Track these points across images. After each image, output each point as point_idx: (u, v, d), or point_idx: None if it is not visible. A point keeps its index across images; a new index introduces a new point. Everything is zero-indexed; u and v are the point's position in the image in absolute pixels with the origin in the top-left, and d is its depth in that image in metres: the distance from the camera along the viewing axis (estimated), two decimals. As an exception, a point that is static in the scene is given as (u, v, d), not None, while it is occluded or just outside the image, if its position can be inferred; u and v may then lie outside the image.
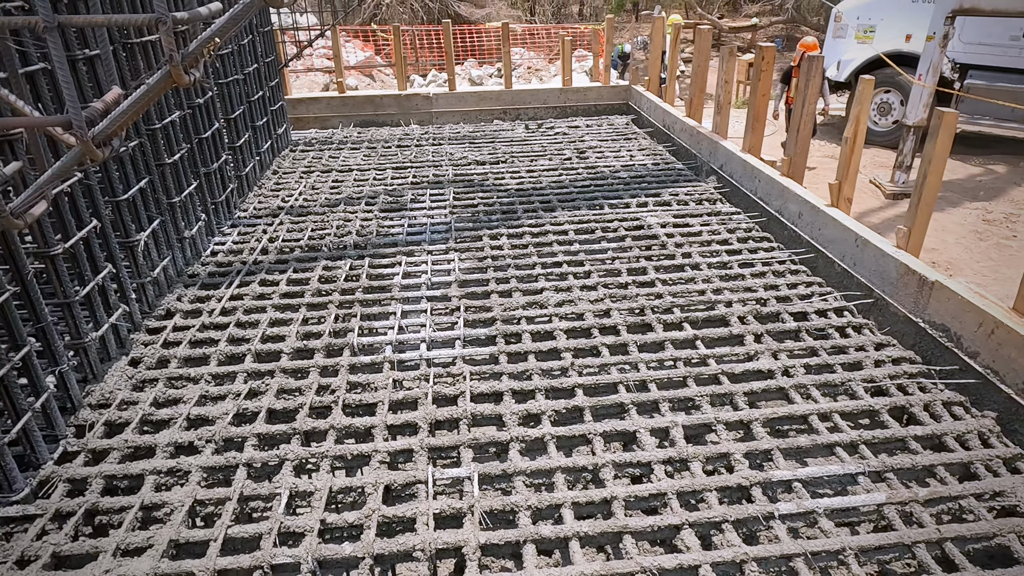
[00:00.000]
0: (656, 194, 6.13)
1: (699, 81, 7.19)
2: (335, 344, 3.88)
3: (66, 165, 1.09)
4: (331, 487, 2.83)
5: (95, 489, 2.89)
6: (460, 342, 3.91)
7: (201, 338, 3.97)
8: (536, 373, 3.60)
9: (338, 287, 4.53)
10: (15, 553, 2.53)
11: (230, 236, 5.41)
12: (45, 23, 0.93)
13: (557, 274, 4.69)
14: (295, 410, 3.34)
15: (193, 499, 2.79)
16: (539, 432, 3.14)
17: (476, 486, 2.82)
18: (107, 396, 3.43)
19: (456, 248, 5.12)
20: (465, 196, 6.23)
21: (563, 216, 5.66)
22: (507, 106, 9.32)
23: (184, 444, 3.13)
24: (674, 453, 2.99)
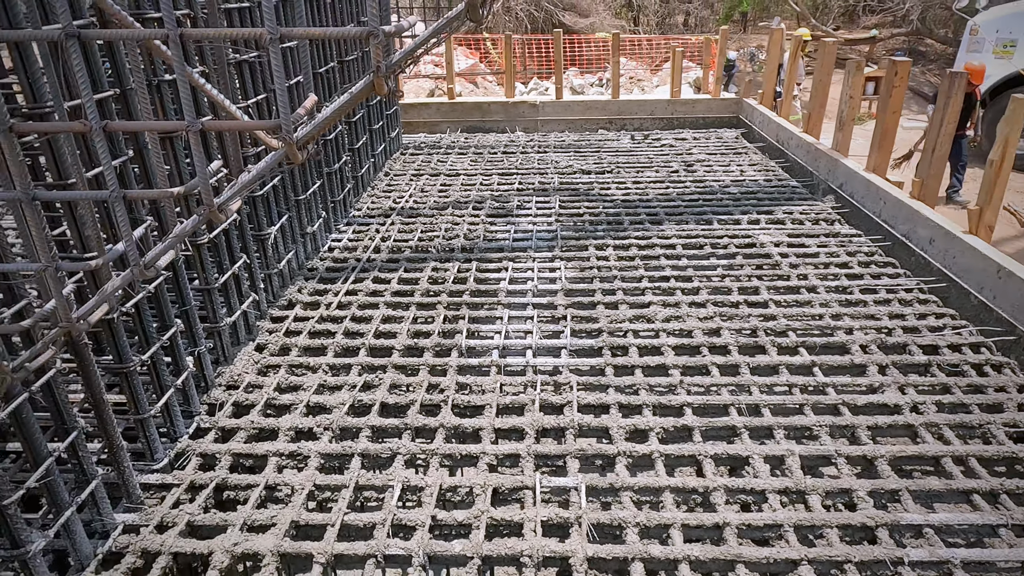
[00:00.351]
0: (768, 211, 5.92)
1: (820, 96, 6.89)
2: (444, 344, 3.97)
3: (269, 165, 1.18)
4: (441, 484, 2.90)
5: (224, 465, 3.09)
6: (566, 351, 3.91)
7: (319, 329, 4.17)
8: (643, 388, 3.55)
9: (446, 288, 4.64)
10: (156, 518, 2.74)
11: (345, 233, 5.66)
12: (270, 35, 1.00)
13: (665, 288, 4.60)
14: (406, 406, 3.45)
15: (312, 484, 2.92)
16: (647, 448, 3.09)
17: (583, 497, 2.81)
18: (236, 378, 3.66)
19: (562, 256, 5.13)
20: (571, 204, 6.24)
21: (671, 229, 5.56)
22: (613, 116, 9.26)
23: (304, 430, 3.29)
24: (790, 483, 2.87)
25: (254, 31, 1.02)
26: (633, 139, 8.59)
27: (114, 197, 1.15)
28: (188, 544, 2.62)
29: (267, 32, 1.01)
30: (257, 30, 1.02)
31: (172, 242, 1.30)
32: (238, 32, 1.00)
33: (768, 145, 7.97)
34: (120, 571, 2.53)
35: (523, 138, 8.81)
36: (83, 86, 1.07)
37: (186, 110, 1.08)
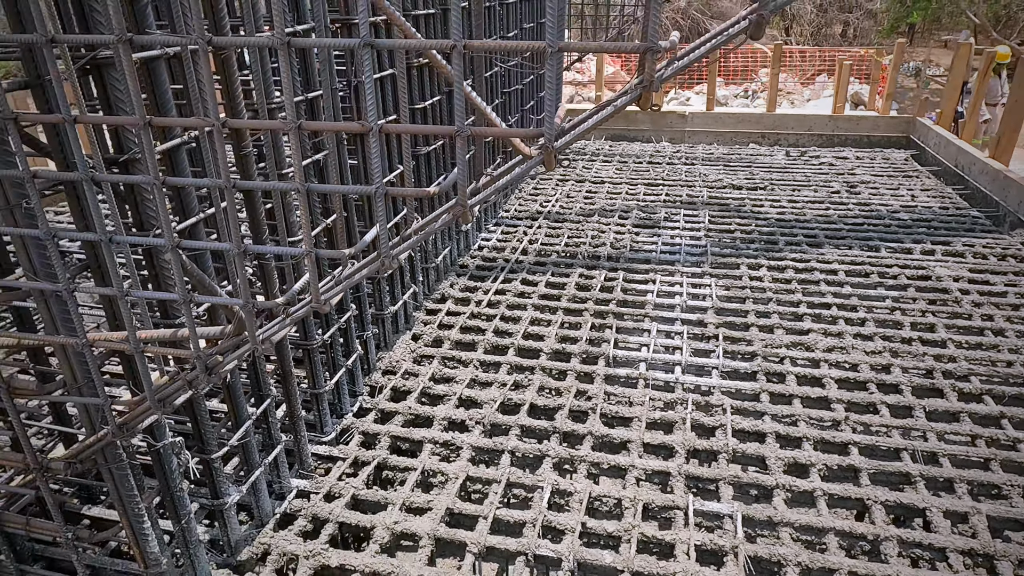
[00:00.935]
0: (945, 242, 5.43)
1: (1015, 118, 6.22)
2: (591, 352, 3.97)
3: (525, 172, 1.23)
4: (590, 492, 2.90)
5: (383, 445, 3.26)
6: (718, 372, 3.79)
7: (470, 325, 4.31)
8: (803, 420, 3.37)
9: (593, 296, 4.64)
10: (324, 488, 2.94)
11: (494, 234, 5.81)
12: (551, 48, 1.04)
13: (826, 316, 4.34)
14: (555, 409, 3.48)
15: (466, 475, 3.02)
16: (808, 484, 2.93)
17: (739, 527, 2.71)
18: (394, 364, 3.86)
19: (712, 273, 4.98)
20: (720, 220, 6.04)
21: (832, 253, 5.24)
22: (767, 130, 8.87)
23: (457, 421, 3.41)
24: (976, 545, 2.61)
25: (534, 44, 1.06)
26: (788, 155, 8.19)
27: (379, 192, 1.25)
28: (353, 516, 2.79)
29: (548, 45, 1.05)
30: (538, 44, 1.06)
31: (418, 237, 1.39)
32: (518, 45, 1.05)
33: (944, 169, 7.31)
34: (293, 531, 2.74)
35: (669, 149, 8.65)
36: (369, 92, 1.17)
37: (458, 118, 1.14)
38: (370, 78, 1.17)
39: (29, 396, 1.79)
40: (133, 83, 1.29)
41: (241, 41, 1.51)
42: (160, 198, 1.40)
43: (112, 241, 1.48)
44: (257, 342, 1.52)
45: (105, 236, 1.47)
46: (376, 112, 1.20)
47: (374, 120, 1.19)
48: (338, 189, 1.26)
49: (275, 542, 2.67)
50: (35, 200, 1.48)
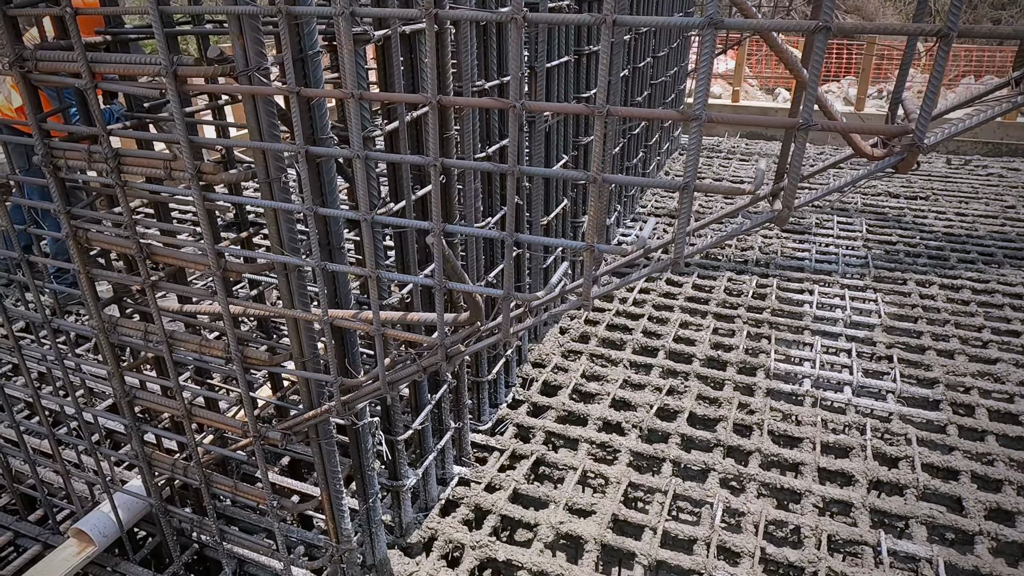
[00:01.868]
0: None
1: None
2: (749, 363, 3.75)
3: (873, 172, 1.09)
4: (765, 515, 2.71)
5: (538, 440, 3.20)
6: (894, 396, 3.48)
7: (616, 323, 4.18)
8: (1001, 460, 3.03)
9: (745, 303, 4.39)
10: (486, 478, 2.91)
11: (632, 229, 5.64)
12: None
13: (1017, 345, 3.91)
14: (716, 420, 3.30)
15: (628, 480, 2.91)
16: (1018, 535, 2.62)
17: (942, 573, 2.45)
18: (543, 358, 3.79)
19: (876, 287, 4.60)
20: (880, 230, 5.59)
21: (1015, 275, 4.73)
22: (923, 135, 8.17)
23: (613, 423, 3.30)
24: None
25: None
26: (949, 163, 7.51)
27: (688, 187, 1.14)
28: (515, 510, 2.74)
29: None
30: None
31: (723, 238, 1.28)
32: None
33: None
34: (456, 519, 2.72)
35: (812, 149, 8.13)
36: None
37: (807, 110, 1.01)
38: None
39: (260, 366, 1.82)
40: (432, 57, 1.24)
41: (470, 14, 1.44)
42: (435, 178, 1.35)
43: (374, 221, 1.46)
44: (509, 334, 1.46)
45: (368, 215, 1.44)
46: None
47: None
48: (639, 182, 1.16)
49: (441, 528, 2.66)
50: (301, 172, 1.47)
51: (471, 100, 2.00)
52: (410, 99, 1.44)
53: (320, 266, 1.55)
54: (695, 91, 1.08)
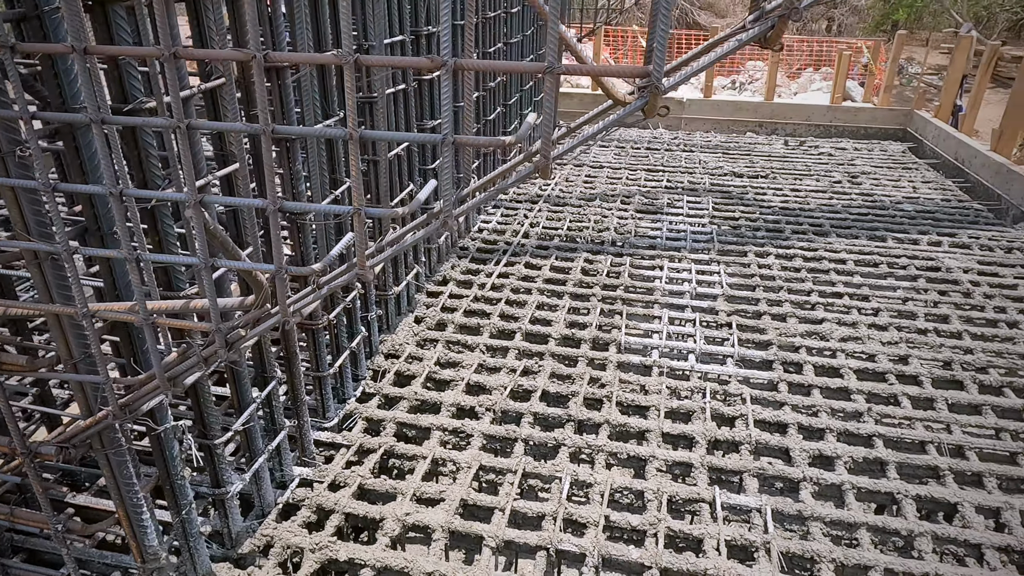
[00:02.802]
0: (951, 234, 5.37)
1: (1018, 111, 6.18)
2: (601, 338, 3.83)
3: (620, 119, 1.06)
4: (611, 484, 2.76)
5: (389, 432, 3.09)
6: (733, 360, 3.67)
7: (474, 308, 4.13)
8: (824, 411, 3.26)
9: (600, 281, 4.49)
10: (329, 476, 2.77)
11: (494, 216, 5.63)
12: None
13: (840, 306, 4.25)
14: (567, 397, 3.33)
15: (479, 463, 2.86)
16: (836, 478, 2.82)
17: (770, 521, 2.59)
18: (397, 348, 3.68)
19: (720, 260, 4.85)
20: (725, 207, 5.92)
21: (839, 243, 5.15)
22: (764, 119, 8.78)
23: (466, 408, 3.25)
24: (1013, 542, 2.52)
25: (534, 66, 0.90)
26: (787, 144, 8.10)
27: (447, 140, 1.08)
28: (361, 507, 2.62)
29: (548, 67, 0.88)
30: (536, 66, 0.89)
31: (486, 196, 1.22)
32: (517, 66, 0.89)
33: (943, 162, 7.28)
34: (296, 523, 2.56)
35: (667, 135, 8.51)
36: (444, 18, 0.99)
37: (550, 54, 0.97)
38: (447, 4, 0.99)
39: (17, 372, 1.59)
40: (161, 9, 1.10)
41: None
42: (185, 145, 1.21)
43: (123, 195, 1.29)
44: (288, 313, 1.34)
45: (116, 189, 1.28)
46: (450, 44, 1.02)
47: (448, 55, 1.01)
48: (397, 136, 1.09)
49: (278, 534, 2.50)
50: (33, 145, 1.28)
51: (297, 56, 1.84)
52: (220, 56, 1.28)
53: (65, 249, 1.36)
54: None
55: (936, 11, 27.65)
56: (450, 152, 1.10)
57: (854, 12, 31.11)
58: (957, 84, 7.74)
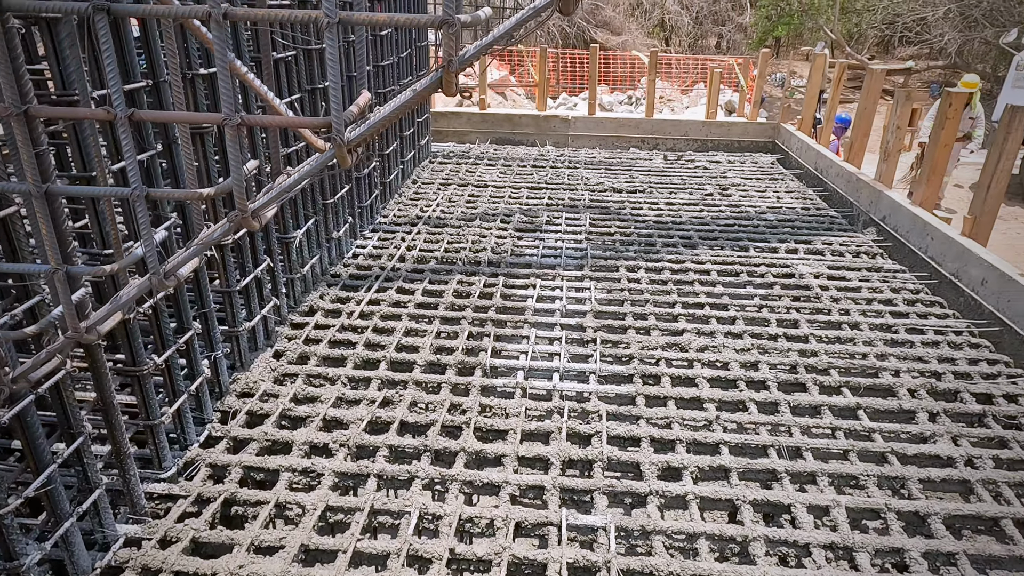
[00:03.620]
0: (807, 241, 5.71)
1: (863, 124, 6.68)
2: (467, 363, 3.81)
3: (314, 169, 1.03)
4: (460, 514, 2.72)
5: (233, 478, 2.94)
6: (595, 377, 3.73)
7: (340, 339, 4.03)
8: (677, 422, 3.36)
9: (472, 303, 4.48)
10: (159, 532, 2.59)
11: (371, 240, 5.53)
12: (328, 18, 0.86)
13: (699, 316, 4.41)
14: (427, 426, 3.28)
15: (325, 504, 2.76)
16: (681, 489, 2.90)
17: (612, 539, 2.62)
18: (251, 386, 3.52)
19: (591, 276, 4.96)
20: (601, 223, 6.07)
21: (705, 254, 5.37)
22: (646, 135, 9.11)
23: (319, 445, 3.14)
24: (837, 539, 2.66)
25: (310, 13, 0.87)
26: (666, 159, 8.42)
27: (136, 195, 1.01)
28: (191, 563, 2.47)
29: (325, 15, 0.86)
30: (313, 12, 0.87)
31: (196, 250, 1.16)
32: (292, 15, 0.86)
33: (805, 172, 7.76)
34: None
35: (553, 153, 8.68)
36: (110, 70, 0.93)
37: (224, 101, 0.93)
38: (109, 50, 0.93)
39: None
40: None
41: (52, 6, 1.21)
42: None
43: None
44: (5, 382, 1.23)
45: None
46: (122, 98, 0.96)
47: (120, 107, 0.95)
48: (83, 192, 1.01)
49: (93, 603, 2.31)
50: None
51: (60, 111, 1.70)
52: None
53: None
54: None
55: (812, 28, 29.66)
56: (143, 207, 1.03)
57: (740, 30, 32.95)
58: (815, 99, 8.29)
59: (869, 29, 29.50)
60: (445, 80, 0.99)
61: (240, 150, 0.98)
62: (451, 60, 0.92)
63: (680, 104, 22.59)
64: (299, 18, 0.87)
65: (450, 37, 0.87)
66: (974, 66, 26.64)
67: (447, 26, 0.84)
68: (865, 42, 30.37)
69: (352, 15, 0.85)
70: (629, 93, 23.18)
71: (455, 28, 0.84)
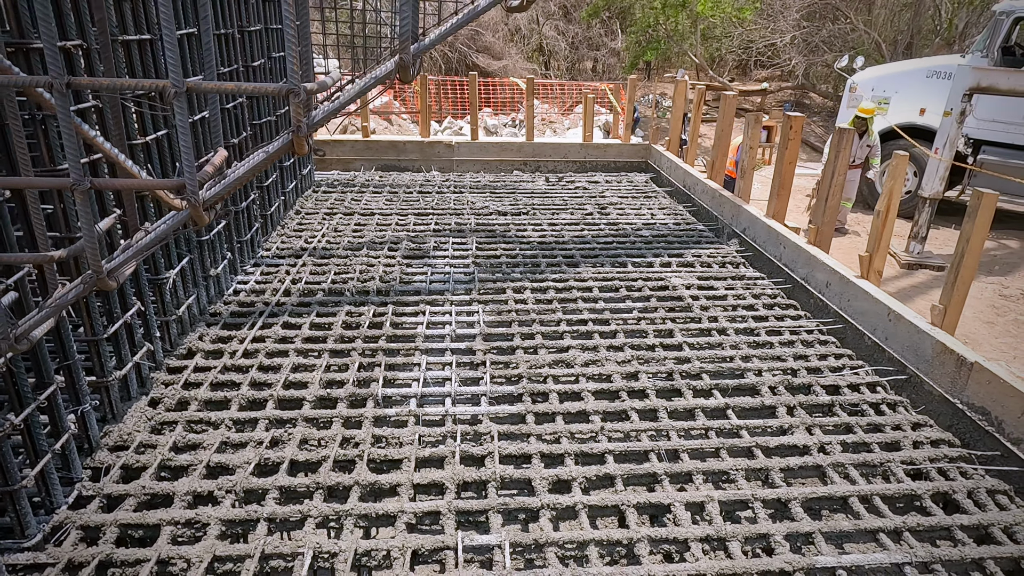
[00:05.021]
0: (679, 254, 6.13)
1: (722, 144, 7.27)
2: (359, 394, 3.80)
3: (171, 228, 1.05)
4: (356, 549, 2.72)
5: (109, 539, 2.77)
6: (486, 399, 3.83)
7: (222, 380, 3.89)
8: (565, 436, 3.51)
9: (361, 334, 4.47)
10: (24, 606, 2.41)
11: (253, 275, 5.38)
12: (175, 88, 0.90)
13: (583, 332, 4.63)
14: (318, 462, 3.24)
15: (212, 555, 2.67)
16: (571, 500, 3.03)
17: (507, 556, 2.71)
18: (125, 438, 3.33)
19: (480, 300, 5.07)
20: (488, 247, 6.22)
21: (587, 272, 5.64)
22: (528, 158, 9.42)
23: (203, 493, 3.02)
24: (712, 531, 2.88)
25: (156, 83, 0.91)
26: (548, 181, 8.75)
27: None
28: (63, 635, 2.31)
29: (171, 85, 0.90)
30: (160, 82, 0.91)
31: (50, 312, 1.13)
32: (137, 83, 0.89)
33: (676, 190, 8.31)
34: (-23, 673, 2.19)
35: (439, 178, 8.78)
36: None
37: (72, 168, 0.94)
38: None
39: None
40: None
41: None
42: None
43: None
44: None
45: None
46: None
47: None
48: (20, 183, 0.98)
49: None
50: None
51: None
52: None
53: None
54: None
55: (679, 52, 31.73)
56: None
57: (613, 54, 34.70)
58: (680, 121, 8.92)
59: (728, 54, 32.04)
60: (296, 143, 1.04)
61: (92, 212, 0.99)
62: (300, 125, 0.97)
63: (562, 125, 23.44)
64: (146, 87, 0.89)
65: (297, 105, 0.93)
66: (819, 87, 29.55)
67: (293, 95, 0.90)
68: (725, 65, 32.92)
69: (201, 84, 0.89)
70: (512, 116, 23.79)
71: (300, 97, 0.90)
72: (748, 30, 28.92)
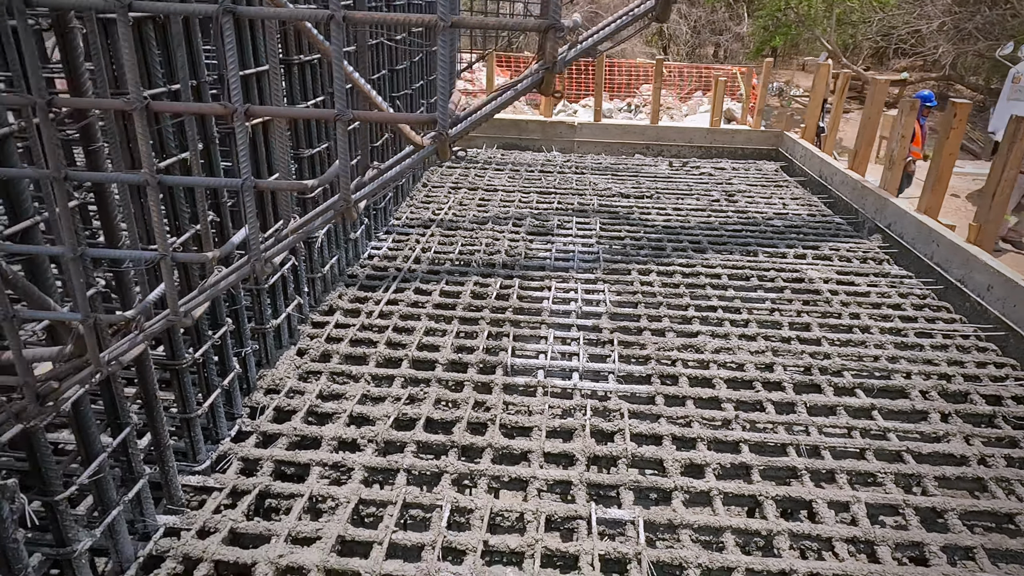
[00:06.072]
0: (815, 247, 5.81)
1: (868, 133, 6.79)
2: (489, 361, 3.88)
3: (415, 162, 1.10)
4: (492, 508, 2.78)
5: (266, 471, 2.99)
6: (614, 376, 3.80)
7: (361, 338, 4.08)
8: (696, 421, 3.43)
9: (489, 304, 4.55)
10: (198, 523, 2.64)
11: (385, 242, 5.60)
12: (442, 22, 0.93)
13: (713, 319, 4.49)
14: (452, 422, 3.34)
15: (358, 497, 2.82)
16: (704, 484, 2.97)
17: (641, 532, 2.69)
18: (277, 382, 3.58)
19: (605, 279, 5.03)
20: (611, 227, 6.15)
21: (715, 259, 5.46)
22: (651, 141, 9.21)
23: (348, 440, 3.19)
24: (859, 533, 2.73)
25: (424, 18, 0.94)
26: (671, 165, 8.53)
27: (247, 185, 1.08)
28: (231, 552, 2.52)
29: (439, 18, 0.93)
30: (428, 17, 0.94)
31: (295, 238, 1.22)
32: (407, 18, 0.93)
33: (809, 180, 7.87)
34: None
35: (560, 158, 8.77)
36: (231, 65, 1.00)
37: (338, 99, 1.00)
38: (232, 49, 1.00)
39: None
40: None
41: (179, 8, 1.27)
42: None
43: (-94, 245, 1.21)
44: (101, 363, 1.29)
45: None
46: (240, 91, 1.03)
47: (238, 101, 1.02)
48: (196, 181, 1.08)
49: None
50: None
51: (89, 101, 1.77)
52: None
53: None
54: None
55: (809, 39, 29.95)
56: (251, 197, 1.10)
57: (737, 39, 33.23)
58: (819, 108, 8.42)
59: (864, 40, 29.82)
60: (547, 80, 1.06)
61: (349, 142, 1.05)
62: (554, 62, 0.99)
63: (679, 112, 22.75)
64: (414, 21, 0.94)
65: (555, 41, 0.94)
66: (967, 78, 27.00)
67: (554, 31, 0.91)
68: (860, 53, 30.69)
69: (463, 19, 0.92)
70: (628, 100, 23.33)
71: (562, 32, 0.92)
72: (890, 15, 26.81)
